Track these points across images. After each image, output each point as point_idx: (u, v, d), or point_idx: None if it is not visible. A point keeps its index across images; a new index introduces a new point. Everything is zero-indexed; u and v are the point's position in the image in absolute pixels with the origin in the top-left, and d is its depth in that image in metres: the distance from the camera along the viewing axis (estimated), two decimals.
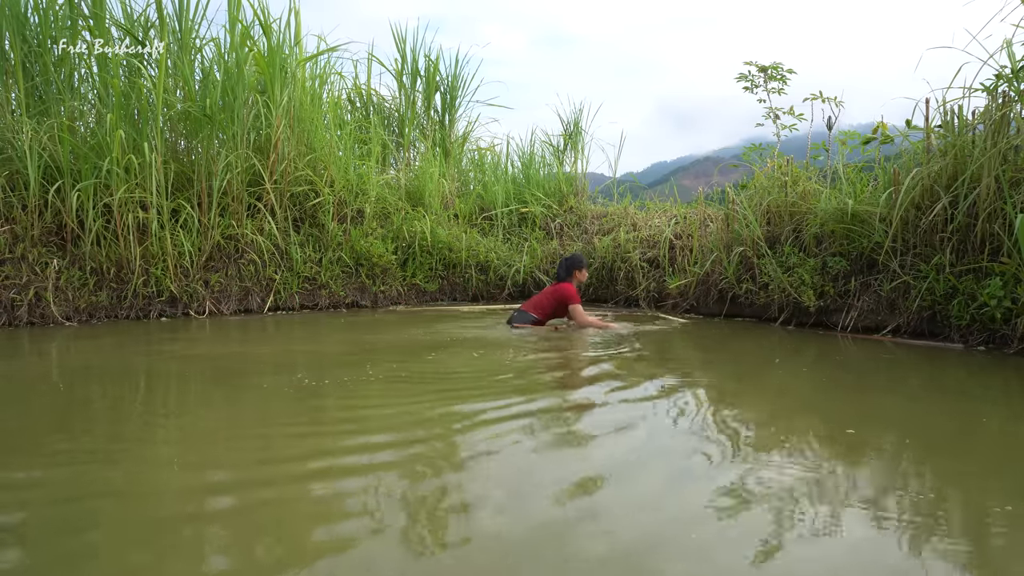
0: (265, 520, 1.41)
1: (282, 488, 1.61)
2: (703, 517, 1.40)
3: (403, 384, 2.86)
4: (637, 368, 3.19)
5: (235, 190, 5.91)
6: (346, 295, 6.50)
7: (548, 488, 1.57)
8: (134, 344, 4.10)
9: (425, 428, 2.13)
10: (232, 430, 2.17)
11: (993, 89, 3.97)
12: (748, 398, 2.66)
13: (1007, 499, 1.50)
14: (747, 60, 6.69)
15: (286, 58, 6.30)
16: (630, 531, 1.33)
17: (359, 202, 6.89)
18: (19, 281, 4.98)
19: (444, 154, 8.59)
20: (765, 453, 1.83)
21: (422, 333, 4.64)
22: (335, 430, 2.19)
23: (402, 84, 8.86)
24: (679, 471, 1.71)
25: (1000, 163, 3.77)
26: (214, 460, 1.85)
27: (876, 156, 5.12)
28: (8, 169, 5.16)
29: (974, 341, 3.81)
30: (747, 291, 5.26)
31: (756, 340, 4.27)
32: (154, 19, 5.95)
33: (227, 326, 5.03)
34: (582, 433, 2.06)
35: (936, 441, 2.04)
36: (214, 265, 5.85)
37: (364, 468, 1.75)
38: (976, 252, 3.92)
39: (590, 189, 8.96)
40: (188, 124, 5.96)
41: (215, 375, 3.15)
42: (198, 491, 1.59)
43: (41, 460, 1.84)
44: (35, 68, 5.63)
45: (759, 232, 5.24)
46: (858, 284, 4.59)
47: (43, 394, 2.71)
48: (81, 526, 1.38)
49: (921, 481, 1.67)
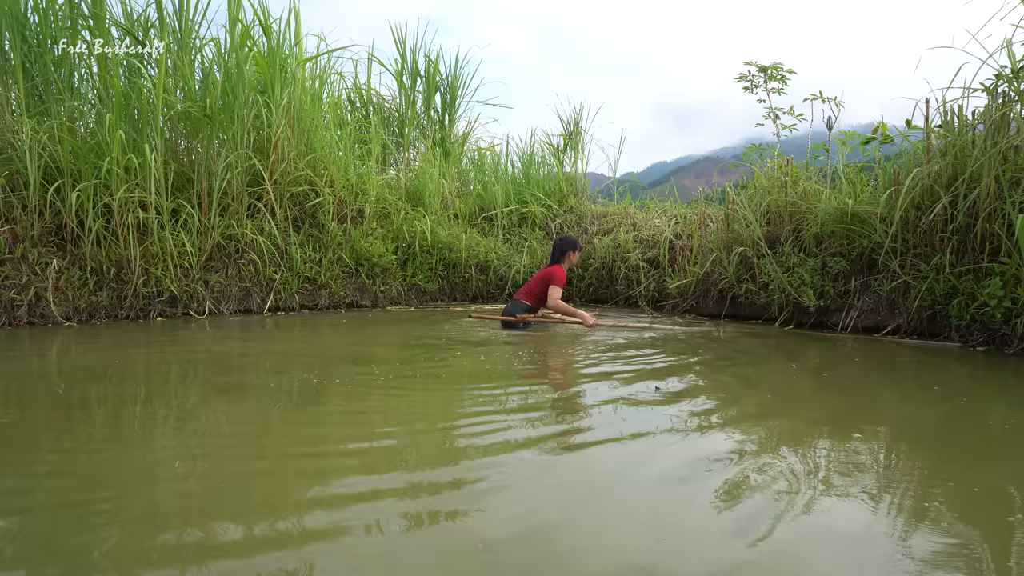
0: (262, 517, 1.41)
1: (280, 479, 1.61)
2: (703, 508, 1.40)
3: (405, 385, 2.86)
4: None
5: (235, 190, 5.91)
6: (346, 295, 6.50)
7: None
8: (134, 344, 4.10)
9: (426, 424, 2.13)
10: (232, 431, 2.17)
11: (993, 89, 3.97)
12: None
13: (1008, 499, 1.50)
14: (747, 60, 6.70)
15: (286, 58, 6.30)
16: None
17: (359, 202, 6.89)
18: (19, 281, 4.98)
19: (444, 154, 8.59)
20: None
21: (424, 333, 4.64)
22: (334, 430, 2.19)
23: (402, 84, 8.86)
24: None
25: (1000, 163, 3.78)
26: (214, 460, 1.85)
27: (876, 156, 5.12)
28: (8, 169, 5.16)
29: (974, 341, 3.82)
30: (747, 291, 5.26)
31: (822, 350, 4.27)
32: (154, 19, 5.95)
33: (227, 326, 5.02)
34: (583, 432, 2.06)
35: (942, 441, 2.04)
36: (214, 265, 5.85)
37: (366, 469, 1.75)
38: (976, 252, 3.92)
39: (590, 189, 8.96)
40: (188, 124, 5.96)
41: (215, 375, 3.15)
42: (198, 489, 1.59)
43: (40, 461, 1.84)
44: (35, 68, 5.63)
45: (759, 232, 5.24)
46: (858, 284, 4.59)
47: (43, 394, 2.71)
48: (81, 525, 1.38)
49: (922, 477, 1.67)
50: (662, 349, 3.79)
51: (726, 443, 1.94)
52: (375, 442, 2.01)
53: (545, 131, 10.17)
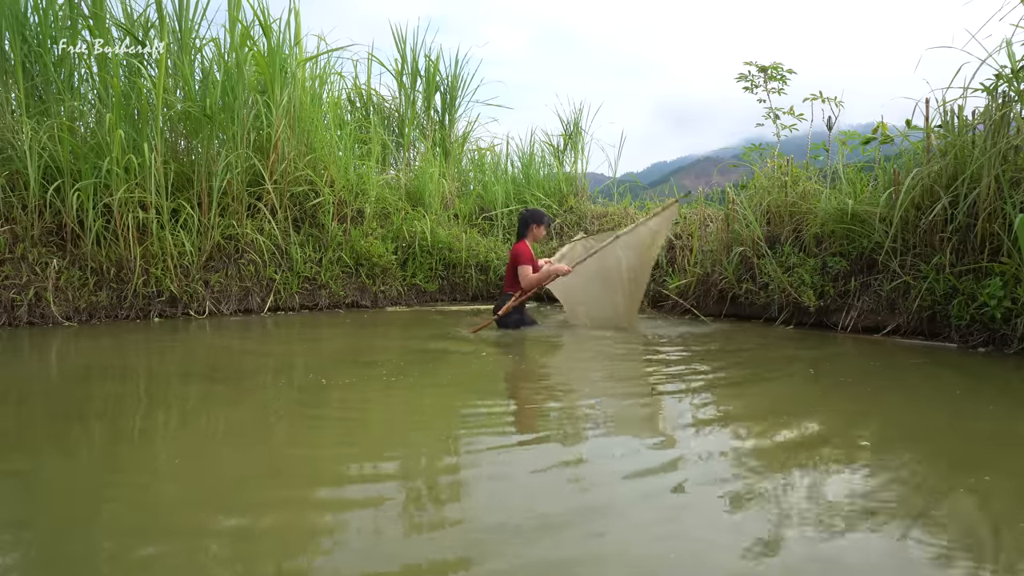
0: (268, 545, 1.41)
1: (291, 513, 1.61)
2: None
3: (407, 384, 2.86)
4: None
5: (235, 190, 5.91)
6: (346, 295, 6.50)
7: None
8: (134, 345, 4.10)
9: (427, 425, 2.13)
10: (233, 432, 2.17)
11: (993, 89, 3.97)
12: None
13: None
14: (747, 60, 6.69)
15: (286, 58, 6.30)
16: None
17: (359, 202, 6.88)
18: (19, 281, 4.98)
19: (444, 154, 8.58)
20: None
21: (424, 334, 4.64)
22: (334, 428, 2.19)
23: (402, 84, 8.86)
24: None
25: (1000, 163, 3.77)
26: (214, 456, 1.85)
27: (876, 156, 5.12)
28: (8, 169, 5.16)
29: (974, 341, 3.81)
30: (747, 291, 5.26)
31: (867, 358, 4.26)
32: (154, 19, 5.95)
33: (227, 326, 5.03)
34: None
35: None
36: (214, 265, 5.85)
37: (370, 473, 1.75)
38: (976, 252, 3.92)
39: (590, 189, 8.96)
40: (188, 124, 5.96)
41: (216, 375, 3.15)
42: (197, 491, 1.59)
43: (39, 459, 1.84)
44: (35, 68, 5.63)
45: (759, 232, 5.24)
46: (858, 284, 4.59)
47: (42, 394, 2.71)
48: (80, 525, 1.38)
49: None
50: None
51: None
52: (375, 445, 2.01)
53: (545, 131, 10.17)
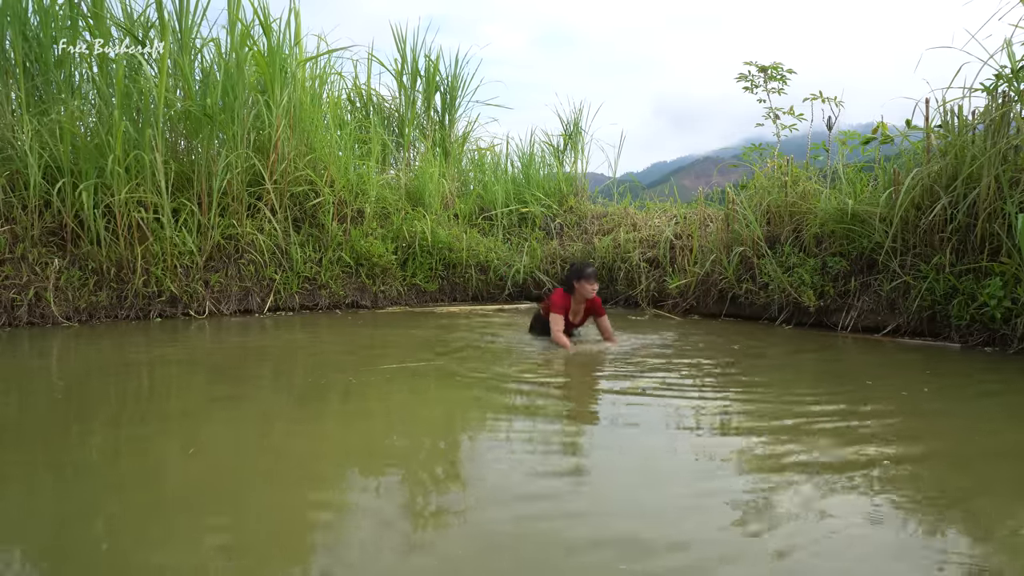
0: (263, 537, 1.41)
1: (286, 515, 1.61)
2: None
3: (409, 384, 2.86)
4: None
5: (235, 190, 5.91)
6: (346, 295, 6.49)
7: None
8: (134, 345, 4.10)
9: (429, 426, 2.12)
10: (233, 432, 2.17)
11: (993, 89, 3.97)
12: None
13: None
14: (747, 60, 6.69)
15: (286, 58, 6.29)
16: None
17: (359, 202, 6.88)
18: (19, 281, 4.97)
19: (444, 154, 8.57)
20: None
21: (424, 334, 4.64)
22: (335, 428, 2.19)
23: (402, 84, 8.85)
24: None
25: (1000, 163, 3.78)
26: (213, 456, 1.85)
27: (876, 156, 5.12)
28: (8, 169, 5.16)
29: (974, 341, 3.82)
30: (747, 291, 5.26)
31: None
32: (154, 19, 5.95)
33: (227, 326, 5.03)
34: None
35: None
36: (214, 265, 5.84)
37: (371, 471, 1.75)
38: (976, 252, 3.92)
39: (590, 189, 8.95)
40: (188, 124, 5.95)
41: (215, 375, 3.15)
42: (197, 491, 1.59)
43: (38, 459, 1.84)
44: (35, 68, 5.63)
45: (759, 232, 5.24)
46: (858, 284, 4.59)
47: (42, 394, 2.71)
48: (80, 524, 1.38)
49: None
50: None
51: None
52: (375, 445, 2.01)
53: (545, 131, 10.15)
